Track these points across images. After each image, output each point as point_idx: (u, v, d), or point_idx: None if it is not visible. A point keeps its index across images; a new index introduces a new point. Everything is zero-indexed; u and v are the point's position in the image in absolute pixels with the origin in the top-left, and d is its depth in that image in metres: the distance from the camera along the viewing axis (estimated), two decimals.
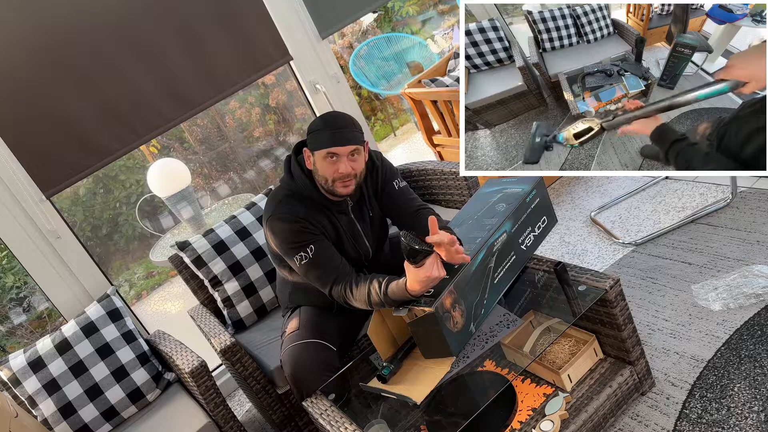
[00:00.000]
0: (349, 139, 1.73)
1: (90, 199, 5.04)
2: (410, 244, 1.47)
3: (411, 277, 1.50)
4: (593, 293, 1.63)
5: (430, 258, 1.49)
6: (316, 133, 1.75)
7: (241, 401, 2.75)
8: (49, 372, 2.11)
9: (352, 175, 1.76)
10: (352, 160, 1.75)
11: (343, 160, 1.73)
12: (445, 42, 5.59)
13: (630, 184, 2.82)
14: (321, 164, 1.75)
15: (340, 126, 1.73)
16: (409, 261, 1.49)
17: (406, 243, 1.48)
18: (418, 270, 1.48)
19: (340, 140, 1.72)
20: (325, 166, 1.75)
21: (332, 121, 1.74)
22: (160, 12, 2.52)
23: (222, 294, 2.33)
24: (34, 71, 2.34)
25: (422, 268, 1.48)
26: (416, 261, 1.48)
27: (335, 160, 1.73)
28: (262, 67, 2.75)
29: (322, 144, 1.73)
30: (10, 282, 4.75)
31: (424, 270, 1.48)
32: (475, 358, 1.61)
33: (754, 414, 1.55)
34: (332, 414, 1.63)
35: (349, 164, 1.74)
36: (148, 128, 2.55)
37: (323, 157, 1.74)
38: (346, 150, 1.73)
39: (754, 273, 1.96)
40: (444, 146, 3.18)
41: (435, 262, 1.49)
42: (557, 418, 1.64)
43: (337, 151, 1.72)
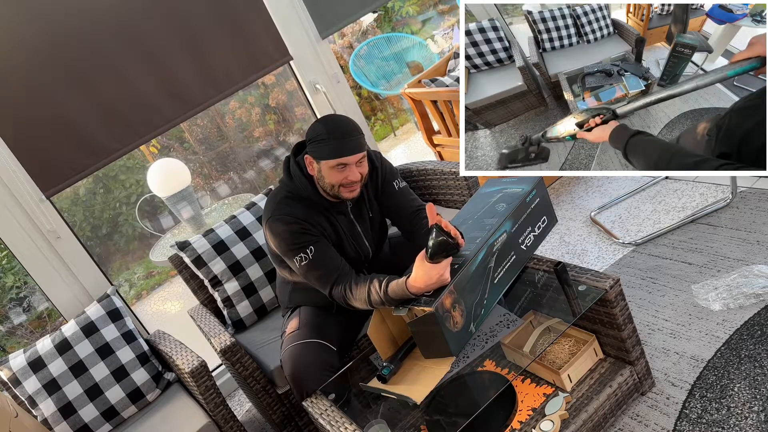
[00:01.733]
0: (356, 147, 1.73)
1: (90, 199, 5.04)
2: (446, 239, 1.46)
3: (421, 272, 1.49)
4: (593, 293, 1.63)
5: (448, 258, 1.49)
6: (321, 142, 1.72)
7: (241, 401, 2.75)
8: (49, 372, 2.11)
9: (359, 180, 1.77)
10: (359, 166, 1.76)
11: (352, 168, 1.73)
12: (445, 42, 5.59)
13: (630, 184, 2.82)
14: (328, 173, 1.75)
15: (346, 134, 1.72)
16: (431, 256, 1.48)
17: (441, 238, 1.46)
18: (433, 266, 1.48)
19: (348, 150, 1.71)
20: (332, 174, 1.74)
21: (338, 129, 1.72)
22: (160, 12, 2.52)
23: (222, 294, 2.33)
24: (34, 71, 2.34)
25: (439, 265, 1.48)
26: (437, 258, 1.48)
27: (343, 168, 1.73)
28: (262, 67, 2.75)
29: (329, 154, 1.72)
30: (10, 282, 4.75)
31: (439, 267, 1.48)
32: (475, 358, 1.61)
33: (754, 414, 1.55)
34: (332, 414, 1.63)
35: (357, 171, 1.75)
36: (148, 128, 2.55)
37: (332, 166, 1.73)
38: (355, 159, 1.73)
39: (754, 273, 1.96)
40: (444, 146, 3.18)
41: (448, 265, 1.50)
42: (557, 418, 1.64)
43: (347, 161, 1.72)
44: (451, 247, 1.48)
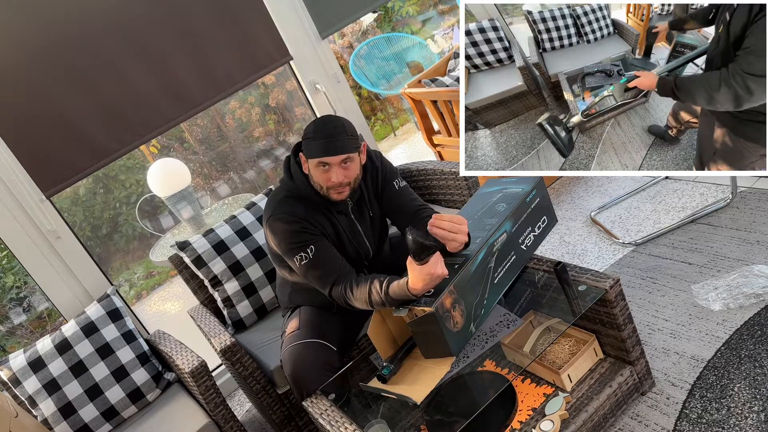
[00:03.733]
0: (339, 148, 1.70)
1: (90, 199, 5.04)
2: (419, 239, 1.47)
3: (414, 274, 1.49)
4: (593, 293, 1.63)
5: (434, 255, 1.49)
6: (308, 140, 1.73)
7: (241, 401, 2.75)
8: (49, 372, 2.11)
9: (345, 183, 1.75)
10: (344, 168, 1.73)
11: (334, 169, 1.72)
12: (445, 42, 5.59)
13: (630, 184, 2.82)
14: (314, 172, 1.75)
15: (331, 134, 1.70)
16: (414, 258, 1.49)
17: (414, 238, 1.47)
18: (422, 267, 1.48)
19: (330, 149, 1.70)
20: (317, 174, 1.75)
21: (323, 129, 1.71)
22: (160, 12, 2.52)
23: (222, 294, 2.33)
24: (34, 71, 2.34)
25: (426, 265, 1.48)
26: (422, 258, 1.48)
27: (327, 169, 1.72)
28: (262, 67, 2.75)
29: (313, 153, 1.72)
30: (10, 282, 4.76)
31: (428, 267, 1.47)
32: (475, 358, 1.61)
33: (754, 414, 1.55)
34: (332, 414, 1.63)
35: (341, 173, 1.72)
36: (148, 128, 2.55)
37: (315, 165, 1.73)
38: (337, 159, 1.71)
39: (754, 273, 1.96)
40: (444, 146, 3.18)
41: (439, 260, 1.49)
42: (557, 418, 1.64)
43: (328, 161, 1.71)
44: (430, 245, 1.48)
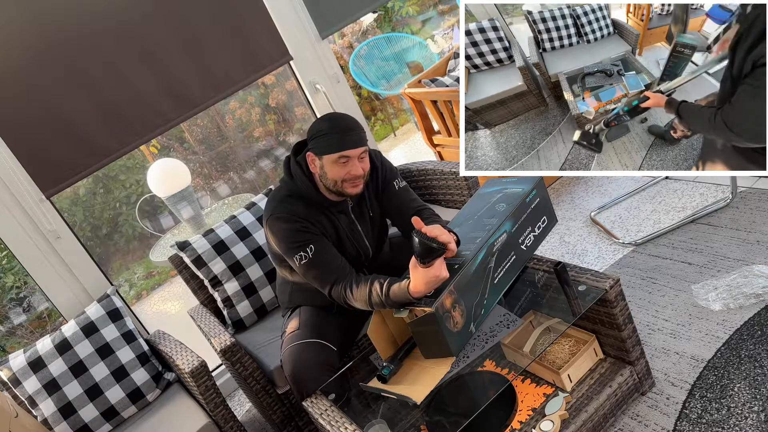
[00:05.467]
0: (358, 141, 1.74)
1: (90, 199, 5.04)
2: (426, 242, 1.46)
3: (418, 277, 1.49)
4: (593, 293, 1.63)
5: (439, 258, 1.49)
6: (323, 137, 1.74)
7: (241, 401, 2.75)
8: (49, 372, 2.11)
9: (362, 175, 1.77)
10: (361, 161, 1.77)
11: (354, 162, 1.75)
12: (445, 42, 5.59)
13: (630, 184, 2.82)
14: (331, 167, 1.75)
15: (349, 128, 1.74)
16: (420, 260, 1.48)
17: (422, 241, 1.46)
18: (427, 270, 1.48)
19: (350, 143, 1.73)
20: (335, 170, 1.75)
21: (339, 124, 1.74)
22: (160, 12, 2.52)
23: (222, 294, 2.33)
24: (34, 71, 2.34)
25: (432, 268, 1.48)
26: (427, 261, 1.48)
27: (347, 162, 1.74)
28: (262, 67, 2.75)
29: (332, 148, 1.73)
30: (10, 282, 4.75)
31: (433, 269, 1.47)
32: (475, 358, 1.61)
33: (754, 414, 1.55)
34: (332, 414, 1.63)
35: (359, 166, 1.76)
36: (148, 128, 2.55)
37: (334, 161, 1.74)
38: (357, 152, 1.74)
39: (754, 273, 1.96)
40: (444, 146, 3.18)
41: (443, 263, 1.50)
42: (557, 418, 1.64)
43: (349, 154, 1.73)
44: (437, 248, 1.48)
